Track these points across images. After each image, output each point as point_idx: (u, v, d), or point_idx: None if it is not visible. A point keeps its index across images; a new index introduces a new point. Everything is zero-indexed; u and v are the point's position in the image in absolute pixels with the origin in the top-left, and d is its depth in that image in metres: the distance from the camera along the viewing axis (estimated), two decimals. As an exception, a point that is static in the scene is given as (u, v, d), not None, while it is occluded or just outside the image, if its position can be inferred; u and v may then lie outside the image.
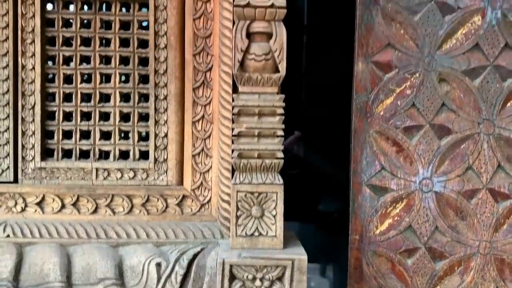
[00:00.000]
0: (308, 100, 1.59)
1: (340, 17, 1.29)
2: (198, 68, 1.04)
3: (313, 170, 1.71)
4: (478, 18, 1.06)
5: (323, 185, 1.71)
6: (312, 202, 1.77)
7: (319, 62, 1.56)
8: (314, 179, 1.70)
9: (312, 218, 1.77)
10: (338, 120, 1.28)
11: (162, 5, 1.04)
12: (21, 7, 1.02)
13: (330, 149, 1.59)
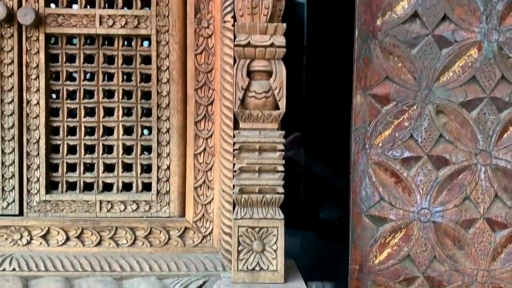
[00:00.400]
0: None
1: (339, 51, 1.31)
2: (200, 102, 1.06)
3: (313, 177, 1.73)
4: (474, 51, 1.08)
5: (324, 193, 1.73)
6: (313, 210, 1.79)
7: (319, 95, 1.60)
8: (314, 186, 1.71)
9: (313, 226, 1.78)
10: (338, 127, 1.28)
11: (164, 41, 1.06)
12: (26, 43, 1.04)
13: (330, 157, 1.61)
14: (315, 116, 1.63)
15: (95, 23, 1.05)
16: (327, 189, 1.72)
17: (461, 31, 1.08)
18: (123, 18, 1.05)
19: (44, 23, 1.04)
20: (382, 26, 1.07)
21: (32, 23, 1.01)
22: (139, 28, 1.06)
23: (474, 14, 1.07)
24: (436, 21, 1.07)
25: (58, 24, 1.04)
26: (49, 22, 1.04)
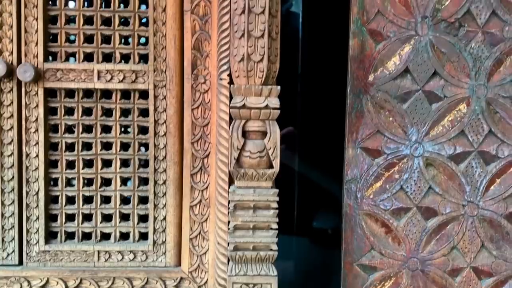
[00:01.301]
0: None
1: (332, 106, 1.34)
2: (196, 155, 1.09)
3: (307, 184, 1.75)
4: (463, 106, 1.11)
5: (317, 200, 1.75)
6: (306, 218, 1.81)
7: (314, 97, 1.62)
8: (308, 193, 1.74)
9: (306, 233, 1.81)
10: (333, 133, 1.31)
11: (161, 95, 1.08)
12: (25, 98, 1.06)
13: (324, 162, 1.64)
14: (310, 121, 1.66)
15: (93, 77, 1.07)
16: (321, 196, 1.75)
17: (451, 86, 1.11)
18: (121, 73, 1.07)
19: (43, 78, 1.06)
20: (374, 81, 1.10)
21: (31, 80, 1.03)
22: (136, 83, 1.08)
23: (464, 70, 1.10)
24: (427, 77, 1.11)
25: (57, 78, 1.07)
26: (48, 77, 1.06)
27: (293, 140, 1.66)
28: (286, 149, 1.61)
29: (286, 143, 1.59)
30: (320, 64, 1.63)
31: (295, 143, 1.68)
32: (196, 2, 1.07)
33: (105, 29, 1.08)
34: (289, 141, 1.62)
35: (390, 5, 1.09)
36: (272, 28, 0.98)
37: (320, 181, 1.74)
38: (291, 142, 1.65)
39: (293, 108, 1.67)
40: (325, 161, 1.62)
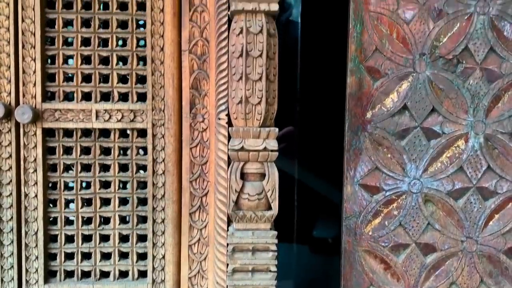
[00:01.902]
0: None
1: (332, 113, 1.33)
2: (195, 194, 1.09)
3: (307, 191, 1.74)
4: (462, 143, 1.11)
5: (317, 208, 1.74)
6: (306, 227, 1.81)
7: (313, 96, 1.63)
8: (308, 201, 1.73)
9: (306, 241, 1.80)
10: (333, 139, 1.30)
11: (160, 134, 1.08)
12: (23, 138, 1.06)
13: (324, 169, 1.63)
14: (309, 128, 1.65)
15: (91, 117, 1.07)
16: (321, 203, 1.74)
17: (449, 123, 1.11)
18: (119, 112, 1.07)
19: (42, 118, 1.06)
20: (372, 118, 1.10)
21: (29, 121, 1.04)
22: (135, 122, 1.08)
23: (462, 107, 1.10)
24: (425, 113, 1.11)
25: (55, 118, 1.07)
26: (46, 117, 1.06)
27: (292, 140, 1.64)
28: (286, 152, 1.60)
29: (286, 142, 1.58)
30: (319, 71, 1.62)
31: (294, 143, 1.66)
32: (194, 42, 1.07)
33: (103, 68, 1.08)
34: (288, 141, 1.61)
35: (388, 43, 1.09)
36: (269, 71, 0.98)
37: (320, 189, 1.74)
38: (291, 142, 1.64)
39: (291, 113, 1.66)
40: (325, 168, 1.61)
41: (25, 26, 1.05)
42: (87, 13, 1.07)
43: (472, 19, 1.09)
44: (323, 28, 1.62)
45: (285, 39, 1.81)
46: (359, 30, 1.09)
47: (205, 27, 1.07)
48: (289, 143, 1.63)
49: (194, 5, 1.06)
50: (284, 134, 1.55)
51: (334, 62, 1.28)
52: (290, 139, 1.62)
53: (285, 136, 1.55)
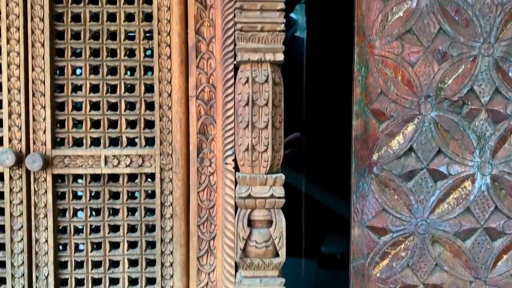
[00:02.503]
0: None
1: (338, 156, 1.34)
2: (202, 238, 1.10)
3: (314, 204, 1.73)
4: (468, 184, 1.12)
5: (325, 223, 1.73)
6: (314, 242, 1.79)
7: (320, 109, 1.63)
8: (316, 214, 1.72)
9: (315, 256, 1.79)
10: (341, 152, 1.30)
11: (168, 178, 1.09)
12: (34, 184, 1.08)
13: (332, 182, 1.62)
14: (316, 139, 1.65)
15: (100, 163, 1.08)
16: (329, 217, 1.72)
17: (455, 164, 1.11)
18: (128, 158, 1.09)
19: (52, 165, 1.08)
20: (378, 161, 1.11)
21: (40, 169, 1.05)
22: (143, 167, 1.09)
23: (468, 148, 1.11)
24: (431, 155, 1.11)
25: (65, 165, 1.08)
26: (56, 164, 1.08)
27: (299, 146, 1.64)
28: (293, 165, 1.59)
29: (293, 148, 1.57)
30: (324, 84, 1.62)
31: (301, 150, 1.65)
32: (201, 88, 1.08)
33: (112, 114, 1.10)
34: (295, 147, 1.60)
35: (393, 85, 1.10)
36: (275, 118, 0.99)
37: (328, 202, 1.73)
38: (298, 148, 1.63)
39: (299, 122, 1.66)
40: (333, 182, 1.60)
41: (35, 75, 1.07)
42: (95, 60, 1.09)
43: (476, 61, 1.09)
44: (328, 43, 1.63)
45: (290, 55, 1.82)
46: (364, 73, 1.10)
47: (212, 74, 1.08)
48: (296, 149, 1.61)
49: (200, 52, 1.08)
50: (291, 140, 1.53)
51: (339, 73, 1.28)
52: (297, 145, 1.61)
53: (292, 142, 1.54)
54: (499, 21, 1.09)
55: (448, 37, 1.09)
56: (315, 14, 1.72)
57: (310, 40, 1.74)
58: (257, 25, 0.98)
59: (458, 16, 1.08)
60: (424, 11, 1.08)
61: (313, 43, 1.72)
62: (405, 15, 1.09)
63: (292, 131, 1.58)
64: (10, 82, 1.07)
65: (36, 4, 1.06)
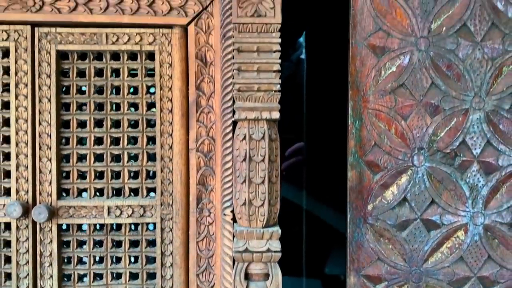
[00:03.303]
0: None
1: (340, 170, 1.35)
2: (201, 287, 1.13)
3: (317, 223, 1.72)
4: (461, 233, 1.14)
5: (329, 242, 1.72)
6: (317, 262, 1.79)
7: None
8: (318, 235, 1.71)
9: (318, 276, 1.78)
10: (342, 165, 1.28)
11: (168, 227, 1.13)
12: (40, 234, 1.12)
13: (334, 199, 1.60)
14: (317, 152, 1.65)
15: (103, 213, 1.12)
16: (332, 237, 1.72)
17: (448, 214, 1.14)
18: (130, 208, 1.13)
19: (57, 215, 1.12)
20: (372, 211, 1.14)
21: (45, 220, 1.09)
22: (144, 217, 1.13)
23: (461, 198, 1.13)
24: (425, 205, 1.14)
25: (69, 215, 1.12)
26: (61, 214, 1.12)
27: (302, 155, 1.64)
28: (294, 180, 1.58)
29: (296, 157, 1.58)
30: (324, 100, 1.63)
31: (304, 160, 1.65)
32: (201, 141, 1.12)
33: (115, 165, 1.14)
34: (298, 156, 1.60)
35: (386, 138, 1.13)
36: (271, 173, 1.03)
37: (329, 220, 1.71)
38: (301, 158, 1.63)
39: (299, 132, 1.67)
40: (335, 199, 1.58)
41: (42, 129, 1.12)
42: (99, 114, 1.14)
43: (468, 114, 1.13)
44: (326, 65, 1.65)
45: (296, 75, 1.86)
46: (358, 126, 1.13)
47: (211, 127, 1.12)
48: (299, 159, 1.62)
49: (201, 107, 1.12)
50: (295, 150, 1.54)
51: (338, 91, 1.29)
52: (300, 155, 1.62)
53: (295, 152, 1.55)
54: (490, 75, 1.12)
55: (440, 91, 1.13)
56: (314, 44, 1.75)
57: (309, 64, 1.77)
58: (254, 85, 1.03)
59: (450, 71, 1.12)
60: (416, 66, 1.12)
61: (313, 68, 1.74)
62: (398, 70, 1.13)
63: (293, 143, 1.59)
64: (18, 136, 1.11)
65: (43, 62, 1.11)
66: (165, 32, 1.12)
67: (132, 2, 1.10)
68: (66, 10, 1.09)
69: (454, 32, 1.12)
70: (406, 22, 1.12)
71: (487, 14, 1.11)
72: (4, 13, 1.09)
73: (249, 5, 1.01)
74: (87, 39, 1.11)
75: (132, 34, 1.11)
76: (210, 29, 1.11)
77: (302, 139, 1.73)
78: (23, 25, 1.10)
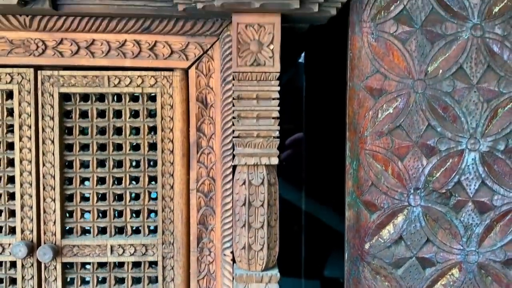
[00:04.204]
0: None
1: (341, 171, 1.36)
2: (203, 323, 1.16)
3: (316, 224, 1.73)
4: (456, 271, 1.17)
5: (329, 244, 1.74)
6: (317, 264, 1.82)
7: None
8: (318, 235, 1.73)
9: (317, 277, 1.81)
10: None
11: (169, 266, 1.15)
12: (44, 272, 1.15)
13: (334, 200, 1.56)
14: (317, 150, 1.64)
15: (106, 252, 1.15)
16: (332, 238, 1.74)
17: (443, 253, 1.17)
18: (132, 247, 1.15)
19: (61, 254, 1.15)
20: (369, 249, 1.16)
21: (50, 260, 1.12)
22: (146, 255, 1.16)
23: (455, 237, 1.16)
24: (420, 244, 1.16)
25: (73, 254, 1.15)
26: (65, 253, 1.15)
27: (301, 146, 1.65)
28: (292, 180, 1.57)
29: (295, 148, 1.59)
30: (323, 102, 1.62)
31: (302, 151, 1.65)
32: (202, 181, 1.15)
33: (118, 204, 1.17)
34: (297, 147, 1.61)
35: (383, 178, 1.16)
36: (271, 218, 1.06)
37: (328, 221, 1.72)
38: (299, 149, 1.63)
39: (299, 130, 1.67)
40: (334, 198, 1.58)
41: (46, 170, 1.14)
42: (102, 155, 1.16)
43: (463, 155, 1.15)
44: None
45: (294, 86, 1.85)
46: (356, 167, 1.16)
47: (212, 167, 1.14)
48: (298, 149, 1.62)
49: (201, 148, 1.14)
50: (294, 140, 1.55)
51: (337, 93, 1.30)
52: (299, 146, 1.62)
53: (294, 142, 1.56)
54: (485, 117, 1.14)
55: (436, 133, 1.15)
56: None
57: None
58: (253, 132, 1.05)
59: (446, 113, 1.14)
60: (413, 108, 1.14)
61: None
62: (395, 112, 1.15)
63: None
64: (23, 177, 1.14)
65: (46, 104, 1.13)
66: (166, 75, 1.14)
67: (134, 46, 1.12)
68: (68, 53, 1.11)
69: (451, 75, 1.14)
70: (403, 64, 1.14)
71: (483, 57, 1.13)
72: (8, 56, 1.11)
73: (248, 54, 1.03)
74: (89, 81, 1.13)
75: (133, 76, 1.13)
76: (211, 72, 1.13)
77: (301, 121, 1.70)
78: (26, 68, 1.12)
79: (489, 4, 1.13)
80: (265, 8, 0.99)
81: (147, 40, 1.12)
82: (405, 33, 1.13)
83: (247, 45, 1.03)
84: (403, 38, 1.13)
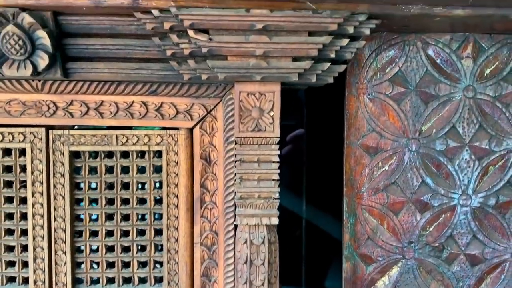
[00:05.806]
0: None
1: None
2: None
3: (316, 233, 1.75)
4: (448, 320, 1.23)
5: (329, 253, 1.76)
6: (317, 275, 1.86)
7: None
8: (318, 245, 1.75)
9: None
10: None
11: (174, 314, 1.22)
12: (56, 321, 1.21)
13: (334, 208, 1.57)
14: (318, 157, 1.66)
15: (115, 302, 1.21)
16: (333, 248, 1.77)
17: (436, 303, 1.22)
18: (139, 297, 1.21)
19: (71, 303, 1.21)
20: (365, 300, 1.22)
21: (61, 311, 1.18)
22: (153, 305, 1.22)
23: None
24: (414, 295, 1.22)
25: (83, 303, 1.21)
26: (75, 303, 1.21)
27: (301, 143, 1.68)
28: (292, 188, 1.59)
29: (295, 144, 1.62)
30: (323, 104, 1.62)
31: (302, 147, 1.66)
32: (205, 235, 1.20)
33: (125, 256, 1.22)
34: (298, 143, 1.64)
35: (379, 232, 1.21)
36: (271, 275, 1.11)
37: (330, 230, 1.75)
38: (300, 145, 1.66)
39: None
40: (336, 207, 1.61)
41: (57, 224, 1.19)
42: (110, 209, 1.21)
43: (455, 210, 1.20)
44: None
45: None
46: (353, 221, 1.21)
47: (215, 222, 1.20)
48: (298, 145, 1.65)
49: (205, 203, 1.20)
50: (295, 136, 1.58)
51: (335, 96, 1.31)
52: (300, 141, 1.66)
53: (295, 138, 1.59)
54: (477, 174, 1.19)
55: (430, 189, 1.20)
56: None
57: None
58: (255, 193, 1.10)
59: (439, 170, 1.19)
60: (407, 165, 1.19)
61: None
62: (390, 169, 1.20)
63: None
64: (35, 230, 1.19)
65: (57, 161, 1.18)
66: (171, 133, 1.19)
67: (141, 107, 1.17)
68: (78, 114, 1.17)
69: (444, 134, 1.19)
70: (398, 124, 1.19)
71: (475, 117, 1.18)
72: (21, 117, 1.17)
73: (250, 120, 1.08)
74: (98, 140, 1.19)
75: (140, 135, 1.19)
76: (214, 131, 1.19)
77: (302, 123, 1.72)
78: (38, 128, 1.18)
79: (481, 66, 1.18)
80: (265, 80, 1.05)
81: (154, 101, 1.17)
82: (400, 94, 1.18)
83: (248, 112, 1.08)
84: (398, 98, 1.18)
